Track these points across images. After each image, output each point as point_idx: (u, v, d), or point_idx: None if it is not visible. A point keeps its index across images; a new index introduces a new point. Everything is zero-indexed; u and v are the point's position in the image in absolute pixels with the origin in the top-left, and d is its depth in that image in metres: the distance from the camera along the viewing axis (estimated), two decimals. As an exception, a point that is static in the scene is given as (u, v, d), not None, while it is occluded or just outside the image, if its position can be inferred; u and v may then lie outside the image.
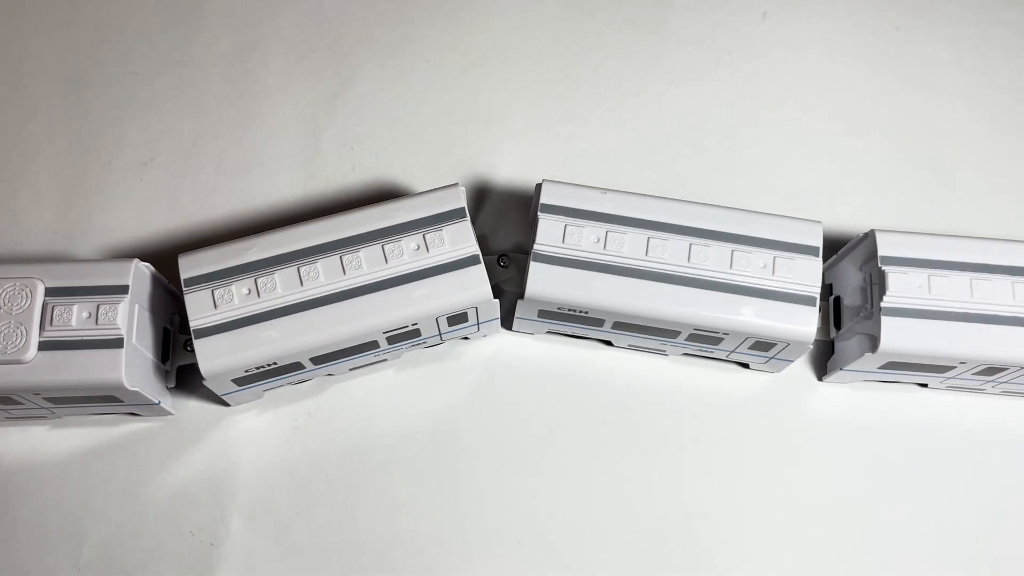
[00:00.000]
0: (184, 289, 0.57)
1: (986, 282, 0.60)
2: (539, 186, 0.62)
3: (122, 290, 0.57)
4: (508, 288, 0.66)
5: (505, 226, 0.70)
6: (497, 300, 0.60)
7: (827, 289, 0.66)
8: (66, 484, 0.62)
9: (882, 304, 0.59)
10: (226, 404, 0.63)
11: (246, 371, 0.58)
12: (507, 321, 0.66)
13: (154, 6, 0.76)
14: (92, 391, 0.57)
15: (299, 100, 0.74)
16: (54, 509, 0.60)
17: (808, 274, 0.60)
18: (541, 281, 0.59)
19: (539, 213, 0.60)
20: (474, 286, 0.59)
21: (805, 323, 0.59)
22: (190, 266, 0.58)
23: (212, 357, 0.56)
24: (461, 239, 0.59)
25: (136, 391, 0.57)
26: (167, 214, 0.70)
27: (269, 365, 0.58)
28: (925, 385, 0.67)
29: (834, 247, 0.67)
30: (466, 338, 0.66)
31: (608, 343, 0.67)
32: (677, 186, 0.72)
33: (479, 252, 0.59)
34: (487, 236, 0.69)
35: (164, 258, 0.65)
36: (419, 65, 0.76)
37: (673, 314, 0.59)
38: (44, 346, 0.55)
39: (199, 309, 0.57)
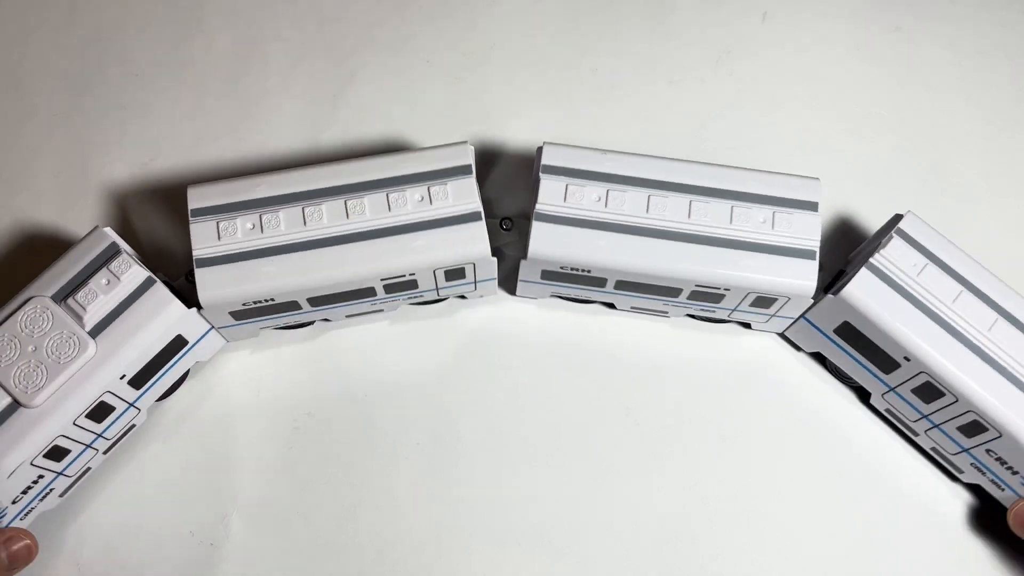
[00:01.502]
0: (190, 219, 0.58)
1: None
2: (540, 149, 0.62)
3: (113, 250, 0.57)
4: (510, 252, 0.66)
5: (509, 194, 0.70)
6: (495, 259, 0.61)
7: None
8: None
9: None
10: (225, 339, 0.64)
11: (243, 304, 0.58)
12: (510, 285, 0.66)
13: (154, 6, 0.76)
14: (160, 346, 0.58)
15: (299, 100, 0.74)
16: (55, 509, 0.60)
17: (807, 228, 0.61)
18: (544, 240, 0.60)
19: (540, 174, 0.61)
20: (473, 242, 0.59)
21: (805, 277, 0.60)
22: (198, 197, 0.59)
23: (211, 287, 0.57)
24: (465, 194, 0.60)
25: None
26: (167, 214, 0.70)
27: (266, 301, 0.59)
28: (612, 305, 0.67)
29: (838, 245, 0.67)
30: (463, 296, 0.66)
31: (611, 306, 0.67)
32: (677, 186, 0.72)
33: (481, 208, 0.60)
34: (492, 200, 0.70)
35: (165, 258, 0.65)
36: (419, 65, 0.76)
37: (675, 270, 0.60)
38: (94, 332, 0.56)
39: (203, 239, 0.58)
